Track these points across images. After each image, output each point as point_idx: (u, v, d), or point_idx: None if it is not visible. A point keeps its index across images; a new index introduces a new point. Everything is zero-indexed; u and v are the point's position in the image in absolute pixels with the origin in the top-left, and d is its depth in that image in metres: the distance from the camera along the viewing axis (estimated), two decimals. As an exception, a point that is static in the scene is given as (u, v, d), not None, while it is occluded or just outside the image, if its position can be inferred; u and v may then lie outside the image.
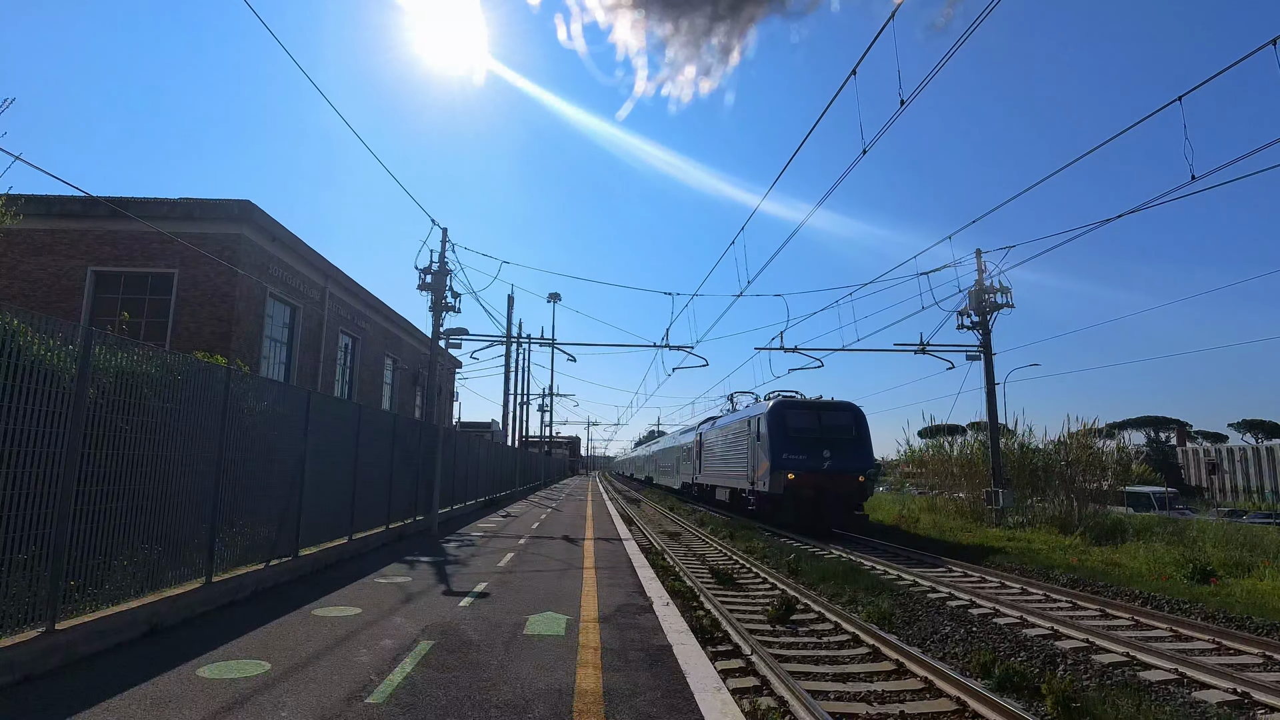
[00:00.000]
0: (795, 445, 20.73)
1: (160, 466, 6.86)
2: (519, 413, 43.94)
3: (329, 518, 11.49)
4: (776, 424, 21.40)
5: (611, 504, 31.67)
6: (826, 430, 21.28)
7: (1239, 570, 13.57)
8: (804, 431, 21.13)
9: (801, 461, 20.39)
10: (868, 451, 21.45)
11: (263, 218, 19.23)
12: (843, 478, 20.40)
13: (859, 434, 21.55)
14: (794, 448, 20.65)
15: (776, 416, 21.62)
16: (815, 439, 20.87)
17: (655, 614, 8.23)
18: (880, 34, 8.65)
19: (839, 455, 20.64)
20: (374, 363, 30.07)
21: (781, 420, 21.50)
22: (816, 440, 20.82)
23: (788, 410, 21.95)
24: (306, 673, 5.62)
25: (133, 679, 5.28)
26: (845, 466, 20.50)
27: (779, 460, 20.61)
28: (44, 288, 18.19)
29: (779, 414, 21.69)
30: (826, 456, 20.47)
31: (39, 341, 5.47)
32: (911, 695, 6.52)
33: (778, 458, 20.67)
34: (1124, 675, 7.07)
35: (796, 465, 20.31)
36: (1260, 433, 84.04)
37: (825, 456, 20.46)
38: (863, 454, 21.13)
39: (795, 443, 20.80)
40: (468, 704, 5.00)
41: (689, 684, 5.57)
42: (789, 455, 20.55)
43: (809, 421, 21.51)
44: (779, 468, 20.52)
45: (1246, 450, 75.47)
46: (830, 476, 20.29)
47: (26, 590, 5.27)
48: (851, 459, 20.76)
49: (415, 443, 17.11)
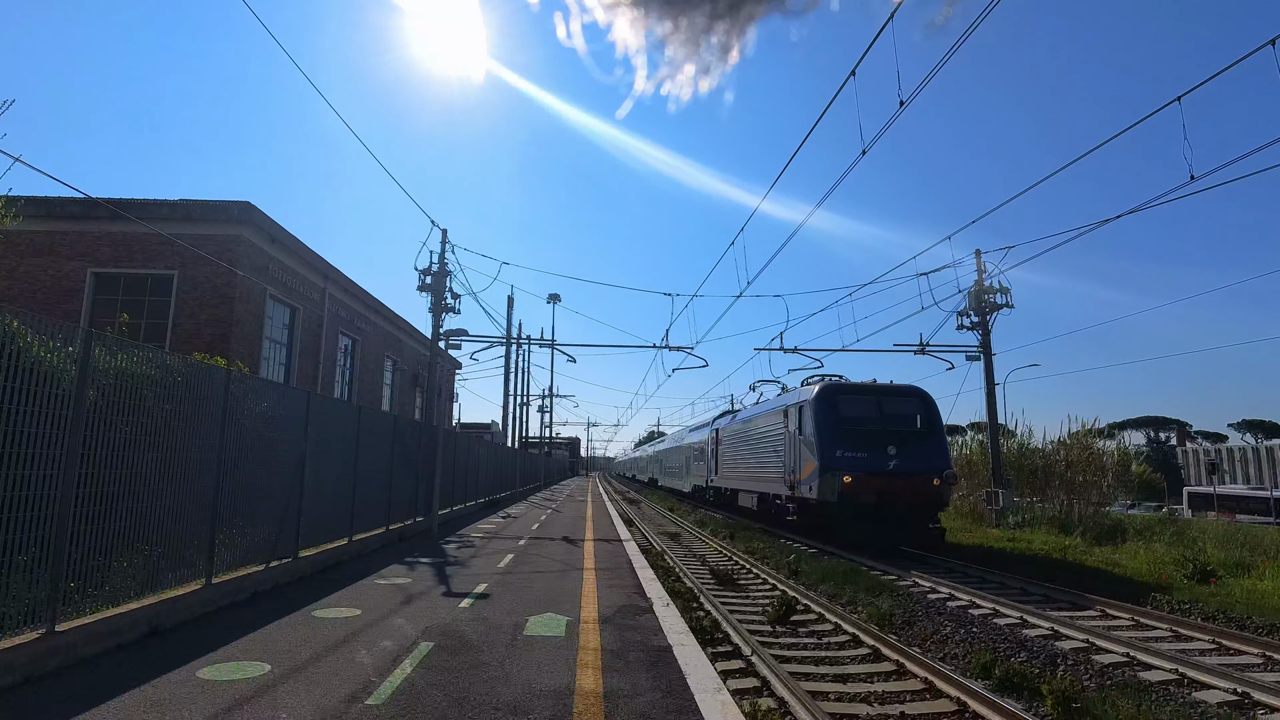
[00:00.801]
0: (851, 440, 16.50)
1: (160, 468, 6.86)
2: (519, 414, 43.98)
3: (329, 519, 11.49)
4: (826, 413, 17.16)
5: (611, 505, 31.67)
6: (889, 421, 17.13)
7: (1239, 570, 13.57)
8: (861, 422, 16.96)
9: (860, 460, 16.12)
10: (943, 447, 17.16)
11: (262, 219, 19.23)
12: (914, 481, 16.05)
13: (930, 425, 17.31)
14: (850, 443, 16.44)
15: (826, 403, 17.36)
16: (876, 432, 16.71)
17: (655, 615, 8.22)
18: (879, 35, 8.65)
19: (907, 452, 16.39)
20: (374, 364, 30.07)
21: (832, 408, 17.24)
22: (878, 433, 16.65)
23: (840, 396, 17.64)
24: (307, 674, 5.61)
25: (133, 680, 5.27)
26: (916, 467, 16.20)
27: (831, 459, 16.36)
28: (44, 289, 18.18)
29: (829, 400, 17.43)
30: (892, 454, 16.24)
31: (39, 343, 5.47)
32: (912, 696, 6.52)
33: (829, 455, 16.43)
34: (1123, 675, 7.07)
35: (854, 465, 16.02)
36: (1260, 433, 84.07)
37: (890, 454, 16.23)
38: (937, 450, 16.84)
39: (851, 436, 16.57)
40: (468, 705, 5.00)
41: (689, 685, 5.57)
42: (844, 452, 16.32)
43: (867, 410, 17.31)
44: (831, 468, 16.24)
45: (1246, 450, 75.56)
46: (898, 480, 15.99)
47: (27, 592, 5.27)
48: (923, 457, 16.48)
49: (415, 444, 17.11)
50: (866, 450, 16.36)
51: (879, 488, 15.88)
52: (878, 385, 18.55)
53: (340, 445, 11.98)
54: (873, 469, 16.03)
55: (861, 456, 16.25)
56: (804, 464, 17.69)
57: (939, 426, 17.47)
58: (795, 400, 19.07)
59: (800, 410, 18.35)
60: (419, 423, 20.95)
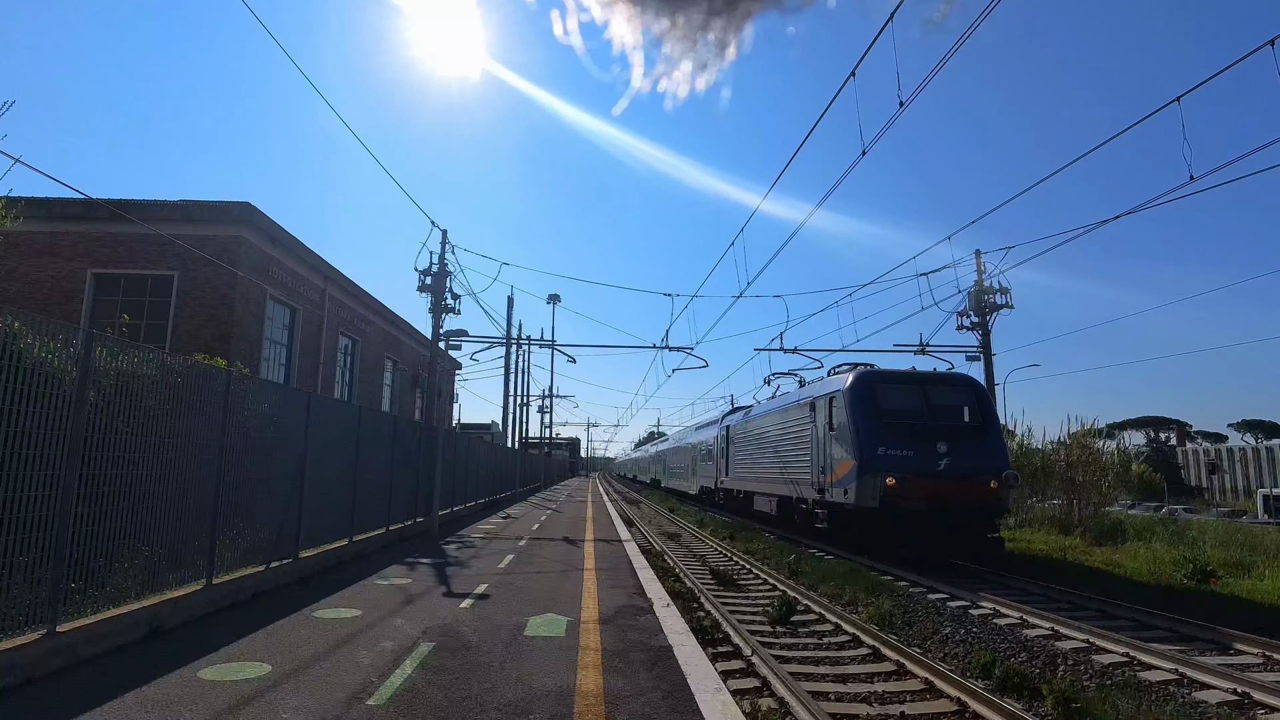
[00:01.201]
0: (895, 436, 14.34)
1: (161, 469, 6.87)
2: (519, 414, 43.98)
3: (329, 519, 11.49)
4: (863, 404, 14.98)
5: (611, 505, 31.67)
6: (937, 413, 14.96)
7: (1239, 570, 13.57)
8: (906, 416, 14.81)
9: (907, 460, 13.93)
10: (1000, 444, 15.11)
11: (262, 220, 19.25)
12: (969, 483, 13.85)
13: (984, 418, 15.16)
14: (894, 439, 14.28)
15: (863, 394, 15.15)
16: (923, 426, 14.58)
17: (656, 615, 8.23)
18: (879, 35, 8.66)
19: (960, 450, 14.22)
20: (374, 364, 30.08)
21: (871, 399, 15.03)
22: (925, 428, 14.54)
23: (880, 385, 15.39)
24: (307, 674, 5.62)
25: (134, 681, 5.28)
26: (972, 466, 14.05)
27: (871, 458, 14.16)
28: (44, 290, 18.20)
29: (866, 390, 15.21)
30: (942, 452, 14.09)
31: (40, 344, 5.48)
32: (912, 696, 6.53)
33: (868, 454, 14.26)
34: (1124, 675, 7.07)
35: (899, 465, 13.83)
36: (1260, 433, 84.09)
37: (940, 452, 14.09)
38: (994, 447, 14.80)
39: (895, 432, 14.41)
40: (468, 705, 5.00)
41: (690, 685, 5.57)
42: (887, 450, 14.15)
43: (911, 401, 15.13)
44: (871, 468, 14.06)
45: (1246, 450, 75.55)
46: (950, 482, 13.82)
47: (28, 593, 5.28)
48: (979, 455, 14.37)
49: (415, 444, 17.11)
50: (913, 448, 14.13)
51: (929, 491, 13.62)
52: (921, 373, 16.29)
53: (340, 446, 11.99)
54: (921, 470, 13.81)
55: (908, 455, 14.01)
56: (837, 464, 15.39)
57: (994, 420, 15.32)
58: (825, 391, 16.69)
59: (831, 402, 16.03)
60: (419, 423, 20.97)
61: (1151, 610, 9.78)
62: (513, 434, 42.82)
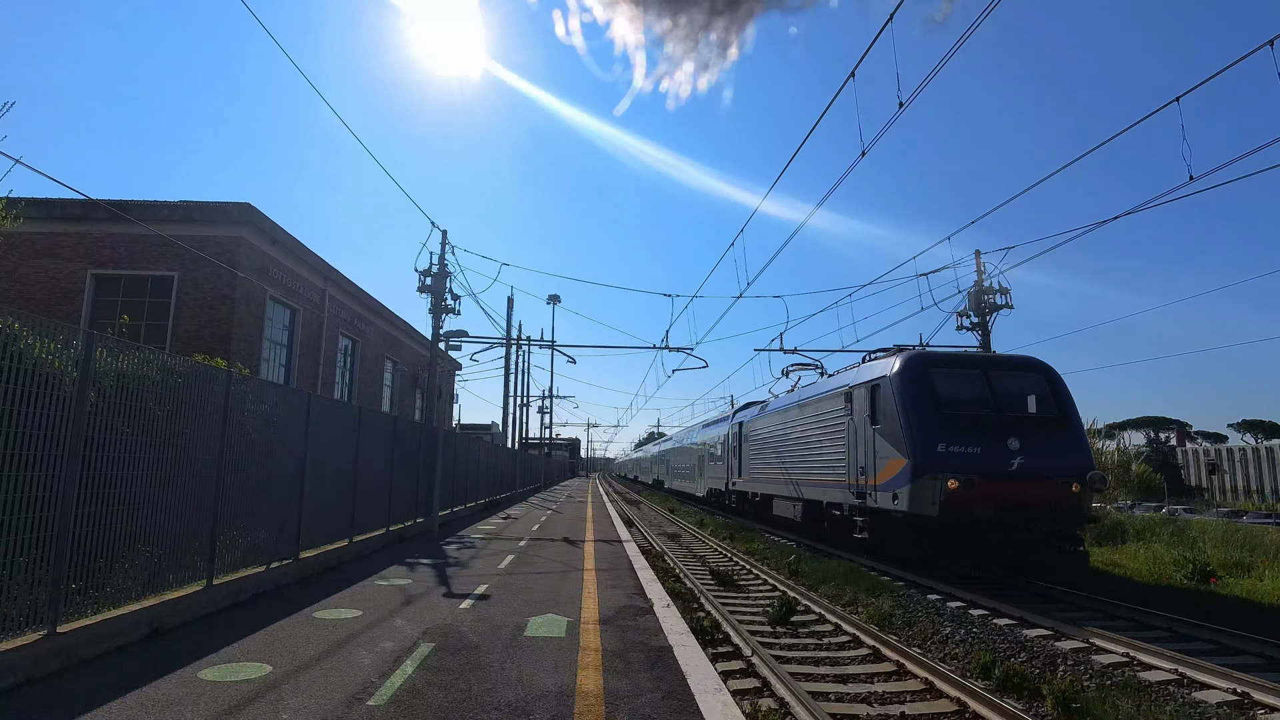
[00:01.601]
0: (957, 430, 12.10)
1: (161, 469, 6.87)
2: (519, 415, 43.99)
3: (329, 520, 11.50)
4: (917, 391, 12.67)
5: (611, 506, 31.67)
6: (1004, 403, 12.65)
7: (1239, 570, 13.58)
8: (968, 406, 12.58)
9: (973, 458, 11.75)
10: (1081, 439, 12.76)
11: (262, 220, 19.25)
12: (1047, 486, 11.65)
13: (1061, 409, 12.86)
14: (955, 434, 12.04)
15: (915, 378, 12.84)
16: (990, 418, 12.33)
17: (656, 615, 8.23)
18: (879, 36, 8.67)
19: (1035, 446, 11.99)
20: (374, 365, 30.09)
21: (925, 385, 12.72)
22: (992, 421, 12.29)
23: (936, 369, 13.07)
24: (308, 675, 5.62)
25: (134, 681, 5.28)
26: (1050, 466, 11.83)
27: (929, 456, 11.93)
28: (44, 291, 18.20)
29: (919, 374, 12.89)
30: (1014, 449, 11.88)
31: (40, 345, 5.48)
32: (912, 696, 6.53)
33: (925, 451, 11.99)
34: (1124, 675, 7.07)
35: (963, 464, 11.65)
36: (1260, 433, 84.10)
37: (1012, 449, 11.88)
38: (1074, 443, 12.48)
39: (956, 425, 12.17)
40: (469, 706, 5.01)
41: (690, 685, 5.58)
42: (949, 447, 11.90)
43: (973, 388, 12.86)
44: (929, 469, 11.83)
45: (1246, 450, 75.56)
46: (1025, 484, 11.60)
47: (28, 593, 5.28)
48: (1058, 452, 12.14)
49: (415, 445, 17.12)
50: (979, 444, 11.92)
51: (999, 496, 11.42)
52: (983, 354, 14.00)
53: (341, 446, 11.99)
54: (990, 470, 11.61)
55: (973, 453, 11.82)
56: (881, 463, 13.16)
57: (1072, 411, 12.94)
58: (865, 379, 14.28)
59: (874, 391, 13.70)
60: (419, 424, 20.97)
61: (1151, 610, 9.79)
62: (512, 434, 42.82)
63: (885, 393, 13.32)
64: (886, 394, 13.25)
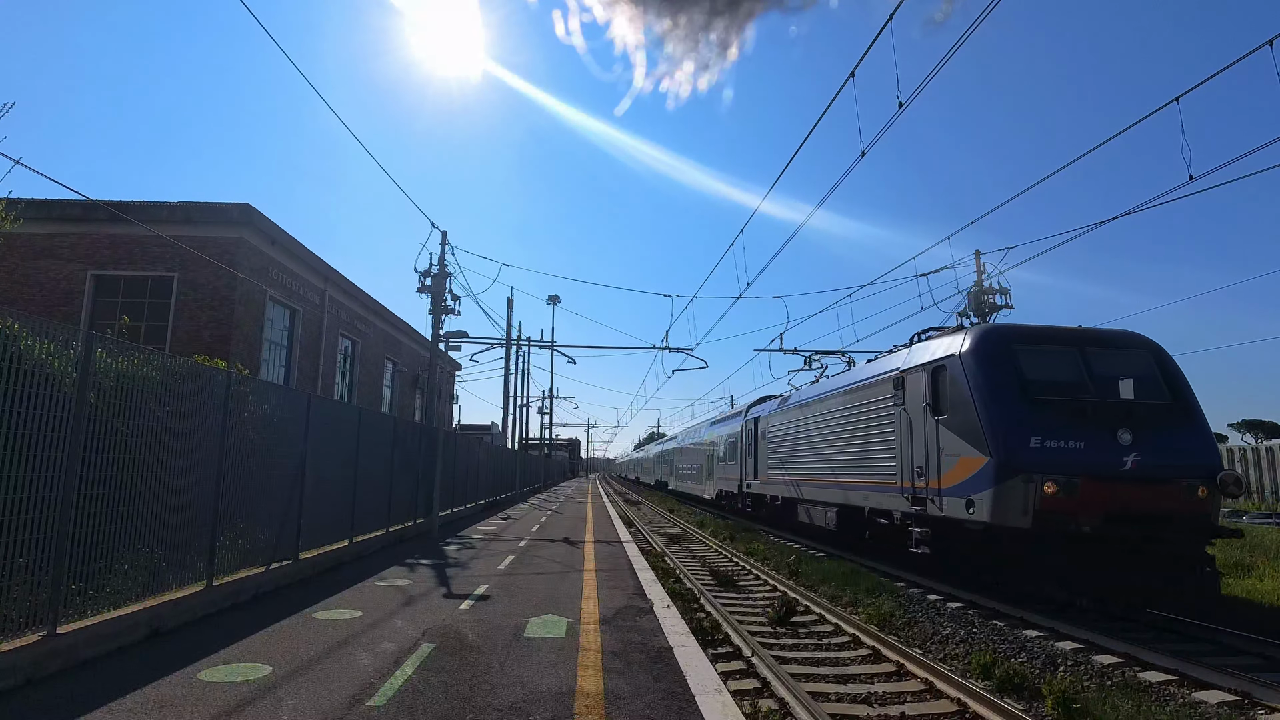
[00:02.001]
0: (1053, 420, 9.86)
1: (161, 470, 6.87)
2: (519, 415, 43.99)
3: (329, 521, 11.50)
4: (998, 372, 10.44)
5: (611, 506, 31.67)
6: (1105, 388, 10.36)
7: (1239, 570, 13.57)
8: (1063, 390, 10.32)
9: (1074, 455, 9.58)
10: (1204, 432, 10.38)
11: (262, 221, 19.26)
12: (1169, 490, 9.46)
13: (1177, 395, 10.59)
14: (1051, 425, 9.81)
15: (996, 356, 10.60)
16: (1092, 406, 10.04)
17: (656, 616, 8.23)
18: (879, 36, 8.67)
19: (1150, 441, 9.76)
20: (374, 365, 30.09)
21: (1009, 364, 10.47)
22: (1096, 409, 9.99)
23: (1021, 345, 10.75)
24: (308, 676, 5.62)
25: (134, 682, 5.28)
26: (1170, 465, 9.62)
27: (1018, 452, 9.71)
28: (44, 291, 18.21)
29: (1001, 351, 10.64)
30: (1126, 443, 9.68)
31: (40, 346, 5.48)
32: (912, 696, 6.53)
33: (1014, 446, 9.77)
34: (1123, 675, 7.07)
35: (1063, 462, 9.50)
36: (1260, 433, 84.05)
37: (1124, 444, 9.68)
38: (1197, 437, 10.20)
39: (1050, 413, 9.94)
40: (469, 707, 5.01)
41: (690, 686, 5.58)
42: (1044, 440, 9.70)
43: (1068, 369, 10.58)
44: (1019, 467, 9.59)
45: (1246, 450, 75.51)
46: (1142, 488, 9.41)
47: (28, 594, 5.28)
48: (1177, 448, 9.90)
49: (415, 445, 17.12)
50: (1080, 436, 9.68)
51: (1109, 502, 9.25)
52: (1074, 329, 11.41)
53: (340, 447, 11.99)
54: (1097, 470, 9.40)
55: (1075, 448, 9.61)
56: (949, 462, 10.90)
57: (1191, 397, 10.61)
58: (923, 360, 11.97)
59: (937, 374, 11.45)
60: (419, 424, 20.97)
61: (1151, 610, 9.79)
62: (512, 435, 42.81)
63: (953, 375, 10.98)
64: (956, 377, 10.92)
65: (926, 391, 11.74)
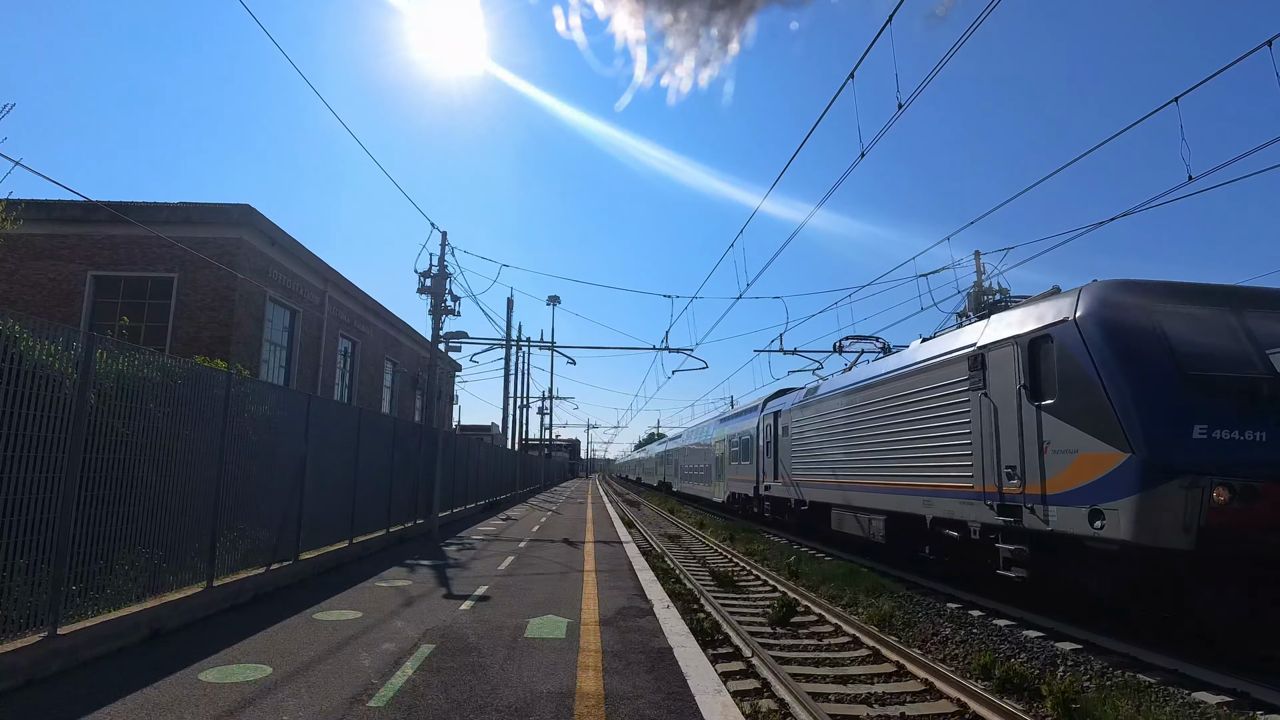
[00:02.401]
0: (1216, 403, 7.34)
1: (161, 471, 6.87)
2: (518, 416, 43.99)
3: (329, 521, 11.50)
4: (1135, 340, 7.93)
5: (612, 507, 31.67)
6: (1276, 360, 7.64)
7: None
8: (1224, 364, 7.62)
9: (1249, 449, 7.11)
10: None
11: (262, 222, 19.26)
12: None
13: None
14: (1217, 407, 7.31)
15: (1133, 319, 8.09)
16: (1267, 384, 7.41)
17: (656, 616, 8.23)
18: (879, 36, 8.67)
19: None
20: (373, 366, 30.09)
21: (1152, 331, 7.92)
22: (1272, 388, 7.38)
23: (1165, 306, 8.21)
24: (308, 676, 5.62)
25: (135, 683, 5.29)
26: None
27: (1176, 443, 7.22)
28: (44, 292, 18.21)
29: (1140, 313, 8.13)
30: None
31: (40, 347, 5.49)
32: (912, 697, 6.54)
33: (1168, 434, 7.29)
34: (1123, 675, 7.07)
35: (1234, 459, 7.05)
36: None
37: None
38: None
39: (1214, 392, 7.40)
40: (469, 707, 5.01)
41: (690, 686, 5.58)
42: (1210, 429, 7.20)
43: (1226, 337, 7.92)
44: (1174, 464, 7.11)
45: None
46: None
47: (29, 595, 5.28)
48: None
49: (415, 446, 17.11)
50: (1261, 426, 7.24)
51: None
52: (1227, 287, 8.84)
53: (340, 448, 11.99)
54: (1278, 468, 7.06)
55: (1255, 440, 7.18)
56: (1059, 460, 8.48)
57: None
58: (1015, 332, 9.60)
59: (1037, 348, 9.15)
60: (419, 425, 20.96)
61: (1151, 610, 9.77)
62: (512, 436, 42.81)
63: (1065, 347, 8.57)
64: (1069, 348, 8.49)
65: (1021, 371, 9.29)
